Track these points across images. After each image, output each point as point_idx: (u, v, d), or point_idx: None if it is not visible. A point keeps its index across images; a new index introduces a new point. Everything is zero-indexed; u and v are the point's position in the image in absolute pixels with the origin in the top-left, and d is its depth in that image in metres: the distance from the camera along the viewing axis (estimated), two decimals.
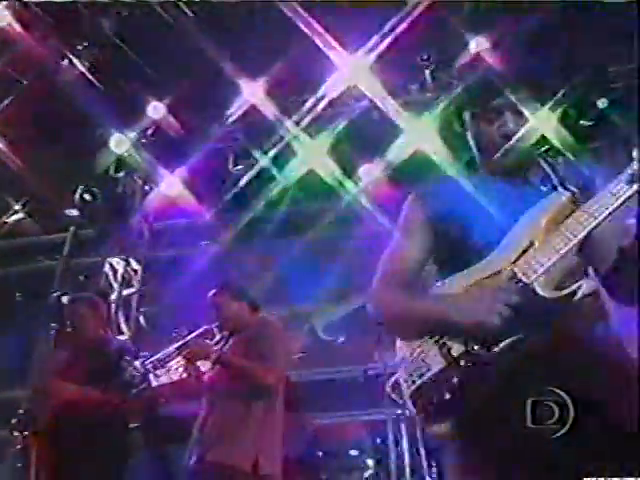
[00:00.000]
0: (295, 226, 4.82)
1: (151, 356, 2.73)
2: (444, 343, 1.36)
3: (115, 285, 4.81)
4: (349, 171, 4.75)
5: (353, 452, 3.17)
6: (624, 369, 1.19)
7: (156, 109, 4.98)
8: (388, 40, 4.39)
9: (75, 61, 4.72)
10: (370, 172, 4.89)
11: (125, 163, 5.05)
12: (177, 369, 3.39)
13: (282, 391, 2.58)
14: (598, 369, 1.20)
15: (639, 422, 1.12)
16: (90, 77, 4.77)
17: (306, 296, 4.37)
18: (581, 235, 1.23)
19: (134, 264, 4.92)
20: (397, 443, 3.17)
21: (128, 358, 3.07)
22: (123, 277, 4.84)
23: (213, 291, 2.82)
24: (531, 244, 1.32)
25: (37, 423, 2.86)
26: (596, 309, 1.24)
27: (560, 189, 1.35)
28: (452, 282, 1.41)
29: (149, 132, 5.16)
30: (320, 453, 3.16)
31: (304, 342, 3.67)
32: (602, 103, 3.73)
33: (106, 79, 4.85)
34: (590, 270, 1.24)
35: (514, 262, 1.31)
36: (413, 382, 1.38)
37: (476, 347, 1.27)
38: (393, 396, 1.54)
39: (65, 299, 3.29)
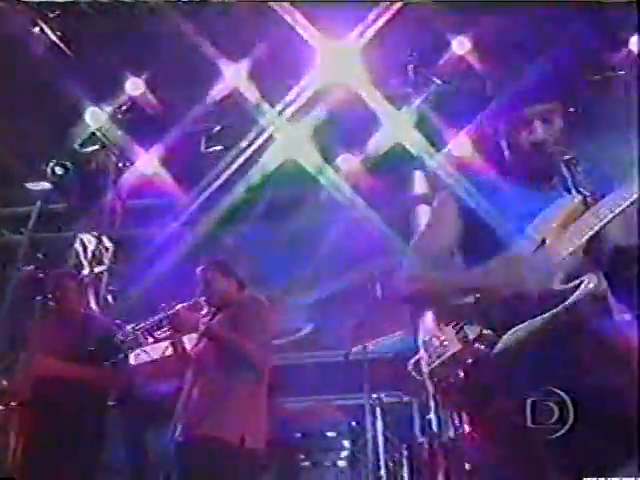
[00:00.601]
0: (272, 212, 4.91)
1: (139, 324, 2.77)
2: (461, 328, 1.51)
3: (85, 262, 4.78)
4: (329, 159, 4.87)
5: (330, 434, 3.32)
6: (622, 355, 1.36)
7: (135, 85, 4.94)
8: (373, 30, 4.52)
9: (47, 30, 4.64)
10: (349, 162, 5.03)
11: (100, 138, 4.99)
12: (160, 346, 3.48)
13: (268, 367, 2.66)
14: (599, 354, 1.37)
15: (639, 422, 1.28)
16: (62, 47, 4.70)
17: (280, 281, 4.47)
18: (587, 235, 1.40)
19: (106, 241, 4.90)
20: (374, 426, 3.36)
21: (113, 334, 3.11)
22: (94, 254, 4.81)
23: (202, 266, 2.86)
24: (543, 242, 1.48)
25: (19, 396, 2.88)
26: (599, 301, 1.41)
27: (574, 192, 1.52)
28: (469, 274, 1.57)
29: (125, 108, 5.12)
30: (298, 434, 3.30)
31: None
32: None
33: (79, 50, 4.78)
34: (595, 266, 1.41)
35: (524, 258, 1.47)
36: (432, 362, 1.53)
37: (487, 331, 1.43)
38: (413, 374, 1.66)
39: (50, 273, 3.30)
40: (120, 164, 5.16)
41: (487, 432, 1.50)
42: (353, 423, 3.36)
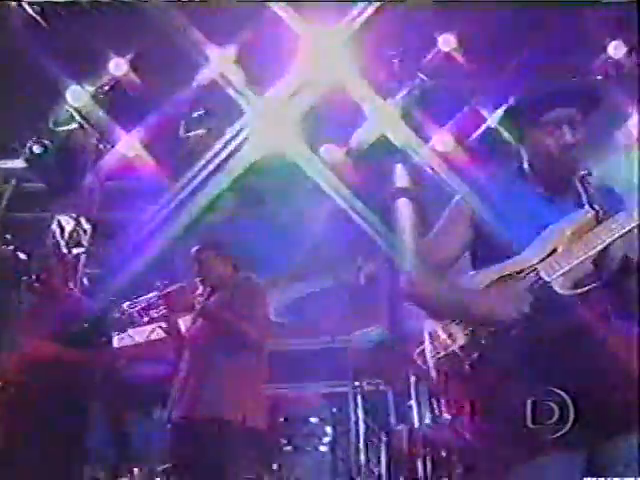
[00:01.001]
0: (255, 201, 4.96)
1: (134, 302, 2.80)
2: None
3: (62, 243, 4.72)
4: (313, 149, 4.93)
5: (313, 420, 3.44)
6: (621, 357, 1.50)
7: (118, 65, 4.89)
8: (360, 22, 4.59)
9: (25, 4, 4.54)
10: (331, 152, 5.11)
11: (80, 117, 4.92)
12: (145, 329, 3.52)
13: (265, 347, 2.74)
14: (599, 353, 1.51)
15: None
16: (42, 22, 4.61)
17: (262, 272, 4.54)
18: (598, 248, 1.53)
19: (84, 223, 4.85)
20: (355, 413, 3.49)
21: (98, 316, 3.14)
22: (71, 236, 4.76)
23: (197, 247, 2.92)
24: (555, 250, 1.60)
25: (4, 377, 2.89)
26: (602, 308, 1.54)
27: (587, 207, 1.63)
28: (483, 273, 1.68)
29: (107, 88, 5.04)
30: (281, 419, 3.40)
31: None
32: None
33: (60, 27, 4.69)
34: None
35: (538, 262, 1.60)
36: (438, 353, 1.64)
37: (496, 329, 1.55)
38: (418, 362, 1.77)
39: (35, 253, 3.29)
40: (100, 145, 5.10)
41: (487, 421, 1.62)
42: (335, 410, 3.48)
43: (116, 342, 3.35)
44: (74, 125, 4.97)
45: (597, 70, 4.82)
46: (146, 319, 2.83)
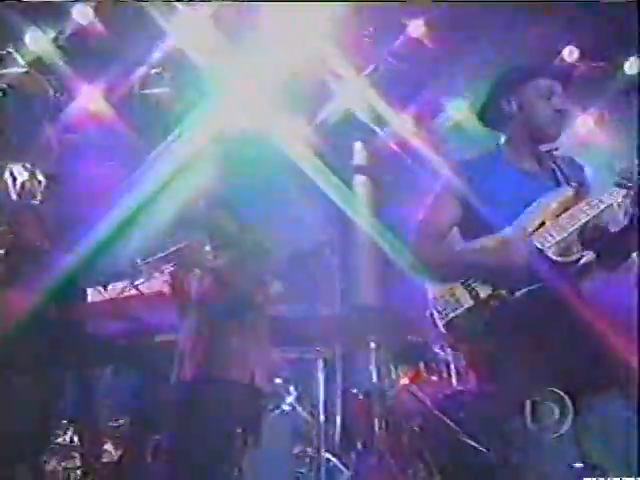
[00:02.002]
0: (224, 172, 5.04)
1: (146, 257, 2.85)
2: (470, 286, 1.88)
3: (14, 194, 4.62)
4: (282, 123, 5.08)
5: (278, 380, 3.65)
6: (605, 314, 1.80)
7: (83, 13, 4.79)
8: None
9: None
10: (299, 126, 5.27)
11: (39, 63, 4.80)
12: (117, 286, 3.58)
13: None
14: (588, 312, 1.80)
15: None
16: None
17: None
18: (582, 221, 1.82)
19: (39, 175, 4.74)
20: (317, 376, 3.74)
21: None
22: (23, 187, 4.66)
23: (206, 205, 3.00)
24: (543, 223, 1.88)
25: None
26: (590, 273, 1.84)
27: (565, 185, 1.94)
28: (473, 245, 1.93)
29: (68, 34, 4.92)
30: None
31: None
32: None
33: None
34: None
35: (530, 234, 1.87)
36: (446, 315, 1.88)
37: (503, 291, 1.82)
38: (432, 324, 2.00)
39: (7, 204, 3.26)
40: (59, 95, 4.99)
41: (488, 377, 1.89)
42: (298, 373, 3.72)
43: (90, 297, 3.39)
44: (19, 70, 4.82)
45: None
46: (157, 274, 2.89)
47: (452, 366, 3.64)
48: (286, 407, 3.53)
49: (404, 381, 3.74)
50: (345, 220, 5.10)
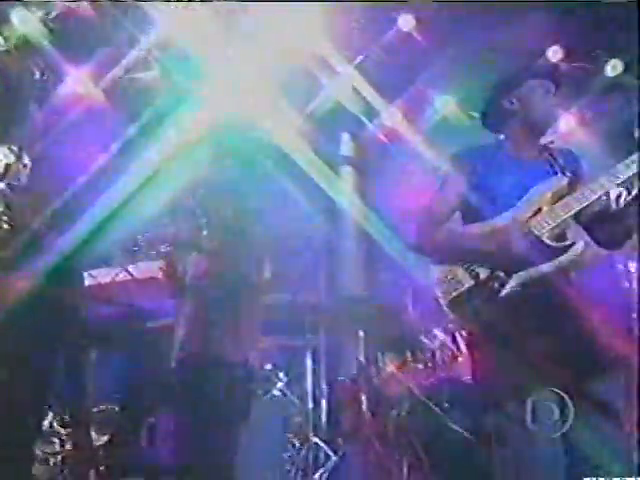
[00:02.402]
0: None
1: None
2: (470, 267, 1.99)
3: None
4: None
5: (268, 366, 3.73)
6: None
7: None
8: None
9: None
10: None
11: (25, 43, 4.76)
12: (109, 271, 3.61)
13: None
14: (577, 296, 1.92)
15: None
16: None
17: None
18: (576, 209, 1.94)
19: (26, 158, 4.72)
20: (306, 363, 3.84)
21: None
22: (7, 169, 4.63)
23: (202, 192, 3.06)
24: (539, 209, 1.99)
25: None
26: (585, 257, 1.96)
27: (560, 174, 2.05)
28: (477, 226, 2.04)
29: (55, 14, 4.89)
30: None
31: None
32: None
33: None
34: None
35: (527, 220, 1.98)
36: (450, 294, 1.99)
37: (501, 274, 1.93)
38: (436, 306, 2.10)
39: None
40: (45, 76, 4.96)
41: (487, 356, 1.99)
42: (288, 359, 3.80)
43: (87, 281, 3.41)
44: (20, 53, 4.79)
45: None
46: (154, 253, 2.92)
47: (438, 355, 3.75)
48: (277, 392, 3.61)
49: (391, 369, 3.84)
50: (334, 210, 5.18)
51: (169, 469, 2.91)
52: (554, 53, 5.24)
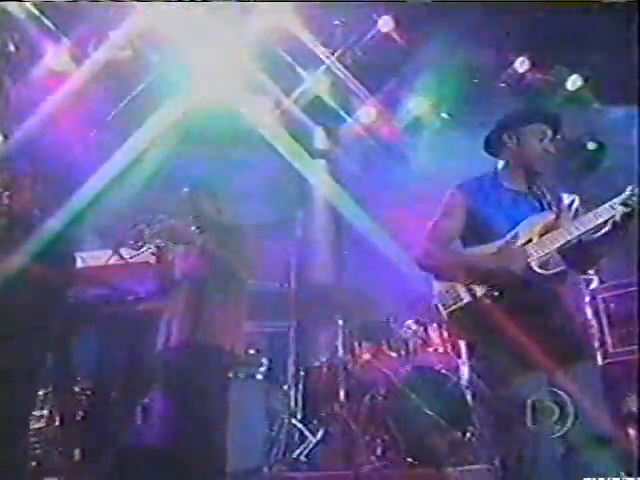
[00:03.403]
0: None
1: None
2: (469, 286, 2.38)
3: None
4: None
5: (251, 351, 4.05)
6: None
7: None
8: None
9: None
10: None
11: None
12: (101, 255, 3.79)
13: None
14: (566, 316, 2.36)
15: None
16: None
17: None
18: (562, 242, 2.35)
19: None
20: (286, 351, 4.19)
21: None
22: None
23: (189, 188, 3.29)
24: (530, 240, 2.39)
25: None
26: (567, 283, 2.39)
27: (548, 210, 2.46)
28: (477, 249, 2.43)
29: None
30: None
31: None
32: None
33: None
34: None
35: (519, 248, 2.38)
36: (449, 306, 2.37)
37: (495, 293, 2.32)
38: (436, 311, 2.45)
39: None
40: (21, 50, 4.96)
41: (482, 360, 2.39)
42: (270, 345, 4.13)
43: (79, 263, 3.58)
44: None
45: (503, 78, 5.89)
46: (148, 246, 3.10)
47: (410, 344, 4.20)
48: (259, 376, 3.94)
49: (366, 357, 4.25)
50: (310, 200, 5.51)
51: (158, 449, 3.17)
52: (521, 64, 5.72)
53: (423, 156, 5.75)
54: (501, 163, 2.57)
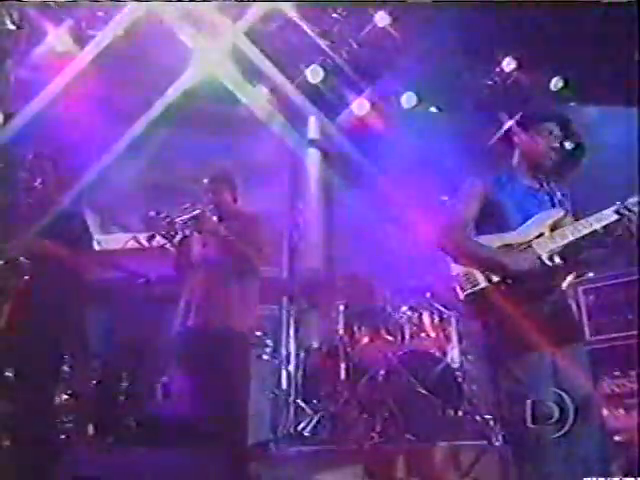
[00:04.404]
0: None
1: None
2: (486, 272, 2.69)
3: None
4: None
5: (258, 333, 4.30)
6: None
7: None
8: None
9: None
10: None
11: None
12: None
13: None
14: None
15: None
16: None
17: None
18: (570, 238, 2.68)
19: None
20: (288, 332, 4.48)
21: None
22: None
23: (209, 178, 3.50)
24: (541, 234, 2.72)
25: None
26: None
27: (558, 207, 2.78)
28: (488, 239, 2.72)
29: None
30: None
31: None
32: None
33: None
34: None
35: (531, 240, 2.70)
36: (466, 290, 2.66)
37: (509, 281, 2.64)
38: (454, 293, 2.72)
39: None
40: (22, 29, 5.04)
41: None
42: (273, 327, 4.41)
43: (96, 246, 3.76)
44: None
45: (489, 76, 6.27)
46: (179, 235, 3.29)
47: (406, 329, 4.54)
48: (265, 357, 4.22)
49: (365, 340, 4.58)
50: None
51: (183, 421, 3.44)
52: (508, 64, 6.09)
53: (413, 147, 6.06)
54: (515, 159, 2.86)
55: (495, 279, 2.65)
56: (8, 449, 3.03)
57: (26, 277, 3.16)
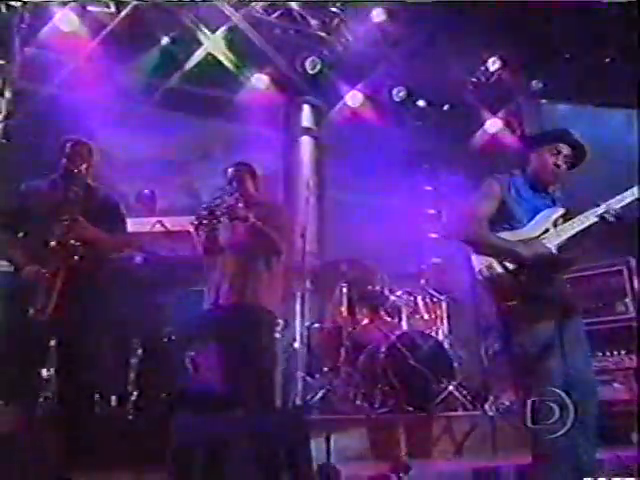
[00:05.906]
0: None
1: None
2: (502, 262, 3.21)
3: None
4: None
5: None
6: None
7: None
8: None
9: None
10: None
11: None
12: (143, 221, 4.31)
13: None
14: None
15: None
16: None
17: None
18: (572, 232, 3.23)
19: (7, 91, 4.99)
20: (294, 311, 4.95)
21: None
22: None
23: (234, 166, 3.81)
24: (547, 230, 3.25)
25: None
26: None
27: (559, 206, 3.32)
28: (502, 234, 3.24)
29: None
30: None
31: None
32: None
33: None
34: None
35: (539, 236, 3.23)
36: (485, 273, 3.19)
37: (524, 269, 3.17)
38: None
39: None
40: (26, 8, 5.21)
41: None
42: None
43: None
44: None
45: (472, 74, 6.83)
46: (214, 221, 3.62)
47: (403, 311, 5.07)
48: (277, 335, 4.66)
49: (365, 321, 5.10)
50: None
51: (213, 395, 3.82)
52: (493, 63, 6.65)
53: (401, 138, 6.57)
54: (528, 168, 3.38)
55: (511, 267, 3.15)
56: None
57: (76, 257, 3.40)
